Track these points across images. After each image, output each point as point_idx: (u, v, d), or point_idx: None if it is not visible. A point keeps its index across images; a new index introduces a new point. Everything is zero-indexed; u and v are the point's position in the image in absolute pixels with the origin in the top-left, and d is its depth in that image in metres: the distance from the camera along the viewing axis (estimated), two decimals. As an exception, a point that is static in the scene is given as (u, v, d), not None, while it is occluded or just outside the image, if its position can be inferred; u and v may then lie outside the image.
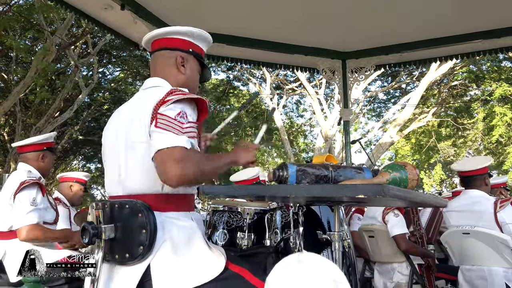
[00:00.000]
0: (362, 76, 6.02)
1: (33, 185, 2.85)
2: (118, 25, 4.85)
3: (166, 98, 1.46)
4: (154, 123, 1.41)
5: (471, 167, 3.05)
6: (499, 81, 15.17)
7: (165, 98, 1.46)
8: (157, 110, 1.44)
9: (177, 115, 1.43)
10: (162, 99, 1.46)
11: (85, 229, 1.42)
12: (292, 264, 0.99)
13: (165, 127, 1.40)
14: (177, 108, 1.45)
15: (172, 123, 1.40)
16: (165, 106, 1.44)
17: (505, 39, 5.04)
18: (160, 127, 1.40)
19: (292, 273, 0.98)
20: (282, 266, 1.01)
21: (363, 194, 0.96)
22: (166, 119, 1.41)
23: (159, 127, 1.40)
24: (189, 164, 1.36)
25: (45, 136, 3.24)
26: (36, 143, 3.12)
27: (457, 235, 3.04)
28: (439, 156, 19.92)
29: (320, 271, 0.95)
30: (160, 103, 1.45)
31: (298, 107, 20.89)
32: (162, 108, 1.44)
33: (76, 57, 12.16)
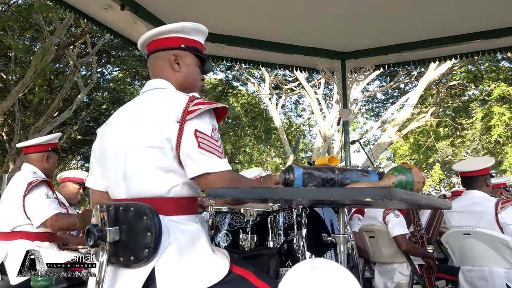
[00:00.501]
0: (361, 76, 6.03)
1: (41, 183, 2.87)
2: (117, 25, 4.85)
3: (190, 108, 1.48)
4: (196, 143, 1.45)
5: (472, 167, 3.05)
6: (497, 81, 15.21)
7: (188, 106, 1.48)
8: (184, 121, 1.46)
9: (211, 132, 1.49)
10: (186, 108, 1.48)
11: (90, 231, 1.42)
12: (305, 270, 0.99)
13: (209, 149, 1.46)
14: (208, 123, 1.50)
15: (212, 143, 1.47)
16: (193, 116, 1.47)
17: (504, 39, 5.06)
18: (204, 148, 1.45)
19: (305, 279, 0.97)
20: (295, 272, 1.00)
21: (370, 198, 0.96)
22: (205, 138, 1.46)
23: (202, 148, 1.45)
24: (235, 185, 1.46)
25: (50, 137, 3.24)
26: (41, 144, 3.12)
27: (458, 235, 3.04)
28: (438, 156, 19.97)
29: (333, 277, 0.95)
30: (185, 113, 1.47)
31: (296, 107, 20.93)
32: (190, 119, 1.47)
33: (75, 57, 12.16)
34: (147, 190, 1.50)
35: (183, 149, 1.46)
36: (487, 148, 18.03)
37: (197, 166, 1.46)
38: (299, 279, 0.97)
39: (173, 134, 1.47)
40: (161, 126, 1.48)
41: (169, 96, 1.58)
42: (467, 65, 15.48)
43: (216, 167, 1.46)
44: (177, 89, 1.67)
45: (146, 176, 1.50)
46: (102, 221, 1.48)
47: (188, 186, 1.53)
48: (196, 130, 1.47)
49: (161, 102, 1.55)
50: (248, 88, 19.31)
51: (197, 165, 1.46)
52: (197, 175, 1.46)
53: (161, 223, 1.41)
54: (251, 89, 19.18)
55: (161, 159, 1.49)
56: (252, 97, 19.11)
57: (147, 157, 1.49)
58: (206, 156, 1.46)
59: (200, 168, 1.45)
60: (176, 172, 1.50)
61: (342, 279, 0.94)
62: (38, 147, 3.10)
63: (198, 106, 1.48)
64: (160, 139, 1.48)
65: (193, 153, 1.46)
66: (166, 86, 1.66)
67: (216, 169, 1.46)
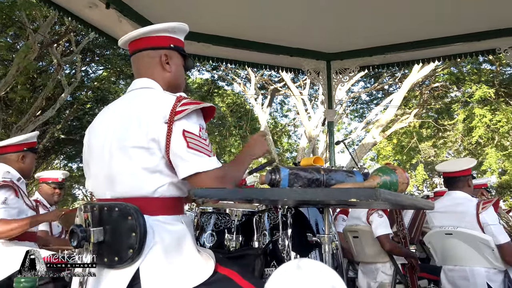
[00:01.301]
0: (346, 77, 6.08)
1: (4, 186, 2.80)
2: (102, 23, 4.81)
3: (178, 108, 1.48)
4: (185, 143, 1.46)
5: (455, 168, 3.09)
6: (479, 83, 15.44)
7: (175, 107, 1.48)
8: (172, 121, 1.47)
9: (199, 132, 1.51)
10: (173, 108, 1.48)
11: (73, 232, 1.41)
12: (291, 270, 0.99)
13: (198, 148, 1.48)
14: (195, 123, 1.51)
15: (201, 143, 1.49)
16: (181, 116, 1.47)
17: (485, 42, 5.15)
18: (193, 148, 1.47)
19: (291, 279, 0.98)
20: (281, 272, 1.01)
21: (355, 198, 0.97)
22: (194, 137, 1.48)
23: (192, 148, 1.47)
24: (227, 179, 1.50)
25: (26, 136, 3.18)
26: (16, 143, 3.06)
27: (440, 235, 3.08)
28: (420, 157, 20.21)
29: (319, 277, 0.96)
30: (173, 113, 1.47)
31: (282, 107, 20.98)
32: (181, 121, 1.48)
33: (59, 55, 11.99)
34: (132, 190, 1.49)
35: (172, 149, 1.47)
36: (468, 149, 18.30)
37: (188, 166, 1.47)
38: (285, 279, 0.98)
39: (161, 134, 1.47)
40: (148, 126, 1.48)
41: (156, 96, 1.57)
42: (449, 67, 15.70)
43: (206, 166, 1.47)
44: (164, 88, 1.67)
45: (131, 176, 1.49)
46: (86, 222, 1.47)
47: (174, 186, 1.53)
48: (184, 130, 1.47)
49: (148, 102, 1.55)
50: (234, 88, 19.31)
51: (188, 166, 1.47)
52: (188, 175, 1.47)
53: (146, 223, 1.41)
54: (237, 89, 19.18)
55: (148, 159, 1.48)
56: (238, 97, 19.10)
57: (133, 157, 1.49)
58: (195, 156, 1.47)
59: (191, 168, 1.46)
60: (163, 173, 1.50)
61: (327, 278, 0.95)
62: (13, 147, 3.04)
63: (185, 106, 1.49)
64: (146, 140, 1.47)
65: (183, 153, 1.46)
66: (153, 86, 1.66)
67: (206, 168, 1.47)
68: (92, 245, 1.43)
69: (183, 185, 1.56)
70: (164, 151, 1.48)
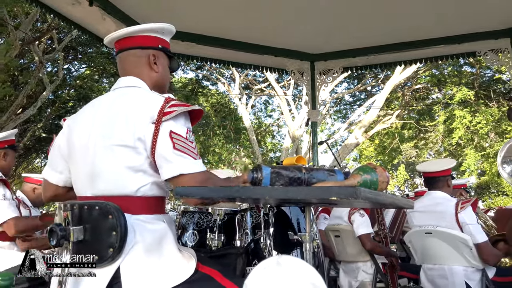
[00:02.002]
0: (330, 78, 6.13)
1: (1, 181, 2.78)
2: (85, 21, 4.75)
3: (167, 109, 1.47)
4: (172, 144, 1.45)
5: (435, 168, 3.14)
6: (459, 85, 15.71)
7: (164, 107, 1.48)
8: (159, 122, 1.46)
9: (186, 134, 1.50)
10: (162, 109, 1.47)
11: (53, 231, 1.39)
12: (271, 267, 1.00)
13: (184, 150, 1.47)
14: (183, 125, 1.50)
15: (187, 145, 1.48)
16: (169, 117, 1.47)
17: (466, 44, 5.25)
18: (179, 149, 1.46)
19: (271, 275, 0.98)
20: (261, 268, 1.01)
21: (336, 196, 0.98)
22: (180, 139, 1.47)
23: (178, 149, 1.46)
24: (209, 185, 1.46)
25: (5, 134, 3.14)
26: None
27: (420, 234, 3.12)
28: (402, 157, 20.46)
29: (299, 274, 0.96)
30: (161, 114, 1.47)
31: (266, 107, 21.02)
32: (169, 123, 1.47)
33: (40, 53, 11.81)
34: (115, 188, 1.48)
35: (158, 150, 1.46)
36: (448, 150, 18.58)
37: (172, 167, 1.46)
38: (265, 275, 0.99)
39: (148, 134, 1.47)
40: (135, 126, 1.47)
41: (144, 96, 1.57)
42: (431, 69, 15.93)
43: (190, 168, 1.46)
44: (150, 88, 1.66)
45: (115, 174, 1.48)
46: (66, 220, 1.45)
47: (157, 186, 1.52)
48: (171, 132, 1.47)
49: (136, 101, 1.54)
50: (218, 87, 19.28)
51: (172, 167, 1.46)
52: (171, 176, 1.46)
53: (126, 222, 1.40)
54: (221, 89, 19.15)
55: (132, 158, 1.47)
56: (222, 96, 19.07)
57: (118, 155, 1.48)
58: (181, 157, 1.46)
59: (175, 170, 1.45)
60: (146, 172, 1.49)
61: (307, 275, 0.96)
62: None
63: (174, 108, 1.48)
64: (133, 139, 1.47)
65: (168, 154, 1.46)
66: (140, 85, 1.65)
67: (190, 170, 1.46)
68: (72, 244, 1.41)
69: (166, 185, 1.55)
70: (149, 151, 1.47)
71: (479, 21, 4.93)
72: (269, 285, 0.96)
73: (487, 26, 5.01)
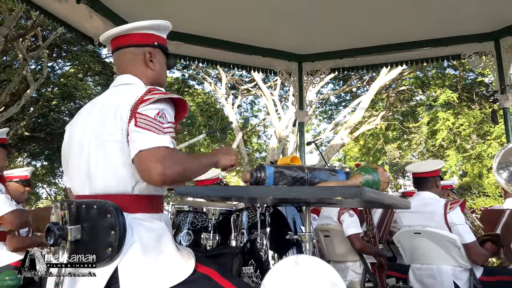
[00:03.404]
0: (317, 78, 6.17)
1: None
2: (72, 18, 4.70)
3: (145, 97, 1.44)
4: (134, 122, 1.39)
5: (424, 169, 3.18)
6: (443, 88, 15.93)
7: (143, 96, 1.44)
8: (136, 109, 1.41)
9: (156, 115, 1.41)
10: (141, 98, 1.44)
11: (50, 230, 1.37)
12: (289, 266, 1.00)
13: (146, 127, 1.38)
14: (156, 108, 1.43)
15: (152, 123, 1.39)
16: (145, 105, 1.42)
17: (451, 47, 5.34)
18: (141, 126, 1.38)
19: (290, 275, 0.99)
20: (279, 268, 1.01)
21: (341, 196, 0.99)
22: (146, 118, 1.39)
23: (139, 126, 1.38)
24: (172, 164, 1.36)
25: None
26: None
27: (409, 234, 3.15)
28: (386, 158, 20.66)
29: (317, 273, 0.97)
30: (139, 102, 1.43)
31: (252, 108, 21.02)
32: (141, 107, 1.42)
33: (24, 50, 11.62)
34: (111, 186, 1.47)
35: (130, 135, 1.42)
36: (431, 151, 18.81)
37: (133, 147, 1.40)
38: (283, 275, 0.99)
39: (126, 123, 1.44)
40: (121, 119, 1.45)
41: (131, 90, 1.54)
42: (415, 72, 16.13)
43: (149, 143, 1.37)
44: (146, 85, 1.65)
45: (110, 171, 1.46)
46: (63, 219, 1.43)
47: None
48: (138, 112, 1.41)
49: (124, 96, 1.52)
50: (204, 87, 19.20)
51: (133, 147, 1.40)
52: (133, 156, 1.39)
53: (125, 221, 1.39)
54: (207, 89, 19.09)
55: (124, 153, 1.45)
56: (208, 96, 19.01)
57: (111, 151, 1.46)
58: (139, 133, 1.39)
59: (135, 148, 1.39)
60: None
61: (326, 274, 0.96)
62: None
63: (151, 95, 1.45)
64: (120, 132, 1.45)
65: (132, 134, 1.40)
66: (135, 82, 1.64)
67: (149, 145, 1.36)
68: (69, 243, 1.40)
69: None
70: None
71: (464, 25, 5.02)
72: (288, 285, 0.96)
73: (472, 29, 5.11)
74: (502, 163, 2.53)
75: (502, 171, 2.54)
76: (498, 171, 2.54)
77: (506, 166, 2.53)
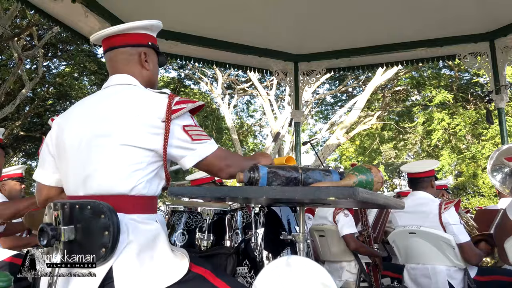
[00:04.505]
0: (313, 78, 6.18)
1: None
2: (67, 18, 4.68)
3: (174, 107, 1.51)
4: (189, 137, 1.54)
5: (419, 169, 3.18)
6: (438, 88, 15.99)
7: (170, 106, 1.51)
8: (169, 120, 1.49)
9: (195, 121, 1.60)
10: (169, 108, 1.50)
11: (43, 231, 1.36)
12: (280, 267, 1.00)
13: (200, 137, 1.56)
14: (189, 116, 1.59)
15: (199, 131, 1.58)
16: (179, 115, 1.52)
17: (446, 48, 5.36)
18: (197, 139, 1.56)
19: (281, 276, 0.98)
20: (270, 269, 1.01)
21: (334, 197, 0.99)
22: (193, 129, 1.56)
23: (196, 139, 1.55)
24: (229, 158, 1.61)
25: None
26: None
27: (404, 234, 3.16)
28: (382, 158, 20.71)
29: (308, 274, 0.97)
30: (169, 112, 1.50)
31: (248, 108, 21.02)
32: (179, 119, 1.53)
33: (20, 50, 11.57)
34: (108, 187, 1.46)
35: (174, 144, 1.51)
36: (427, 151, 18.88)
37: (196, 153, 1.55)
38: (275, 276, 0.98)
39: (158, 132, 1.49)
40: (141, 125, 1.47)
41: (145, 95, 1.56)
42: (411, 72, 16.18)
43: (210, 149, 1.57)
44: (143, 86, 1.65)
45: (111, 173, 1.46)
46: (56, 220, 1.43)
47: (150, 185, 1.51)
48: (184, 126, 1.54)
49: (137, 100, 1.52)
50: (201, 87, 19.19)
51: (196, 153, 1.55)
52: (198, 161, 1.56)
53: (119, 221, 1.38)
54: (203, 88, 19.07)
55: (132, 157, 1.46)
56: (204, 96, 19.00)
57: (116, 154, 1.46)
58: (200, 144, 1.55)
59: (200, 155, 1.55)
60: (144, 170, 1.48)
61: (317, 275, 0.96)
62: None
63: (181, 105, 1.52)
64: (137, 137, 1.46)
65: (188, 145, 1.54)
66: (133, 82, 1.64)
67: (211, 150, 1.57)
68: (63, 244, 1.39)
69: (159, 184, 1.54)
70: (159, 148, 1.49)
71: (459, 25, 5.05)
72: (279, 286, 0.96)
73: (467, 30, 5.13)
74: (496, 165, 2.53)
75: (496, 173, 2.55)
76: (492, 173, 2.55)
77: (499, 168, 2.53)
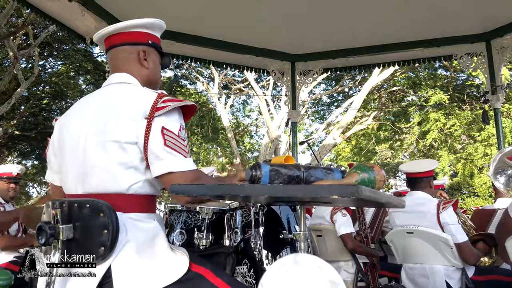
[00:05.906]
0: (310, 78, 6.17)
1: None
2: (64, 16, 4.66)
3: (159, 105, 1.46)
4: (162, 141, 1.44)
5: (418, 169, 3.18)
6: (434, 88, 16.04)
7: (156, 103, 1.46)
8: (152, 116, 1.44)
9: (179, 131, 1.48)
10: (154, 105, 1.46)
11: (41, 229, 1.35)
12: (288, 265, 0.99)
13: (174, 147, 1.45)
14: (176, 121, 1.49)
15: (178, 142, 1.47)
16: (161, 113, 1.45)
17: (443, 48, 5.37)
18: (170, 146, 1.45)
19: (288, 274, 0.97)
20: (278, 267, 1.00)
21: (337, 195, 0.98)
22: (172, 136, 1.46)
23: (168, 146, 1.45)
24: None
25: None
26: None
27: (402, 234, 3.16)
28: (377, 158, 20.75)
29: (316, 272, 0.96)
30: (154, 109, 1.45)
31: (244, 107, 21.02)
32: (161, 118, 1.46)
33: (15, 48, 11.51)
34: (106, 186, 1.46)
35: (150, 146, 1.45)
36: (422, 151, 18.92)
37: (162, 164, 1.45)
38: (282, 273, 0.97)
39: (141, 130, 1.45)
40: (128, 122, 1.46)
41: (136, 92, 1.55)
42: (407, 72, 16.22)
43: (180, 166, 1.46)
44: (142, 85, 1.64)
45: (107, 171, 1.46)
46: (55, 219, 1.41)
47: (149, 184, 1.51)
48: (163, 128, 1.46)
49: (128, 97, 1.52)
50: (197, 87, 19.17)
51: (162, 164, 1.45)
52: (161, 173, 1.45)
53: (118, 220, 1.37)
54: (200, 88, 19.06)
55: (124, 155, 1.46)
56: (200, 96, 18.98)
57: (110, 152, 1.46)
58: (170, 154, 1.45)
59: (165, 167, 1.45)
60: (138, 169, 1.48)
61: (325, 273, 0.95)
62: None
63: (167, 103, 1.47)
64: (125, 135, 1.45)
65: (159, 151, 1.45)
66: (131, 81, 1.63)
67: (180, 168, 1.45)
68: (61, 242, 1.38)
69: (157, 183, 1.54)
70: (142, 147, 1.46)
71: (455, 26, 5.06)
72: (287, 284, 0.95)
73: (463, 30, 5.14)
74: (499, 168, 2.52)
75: (499, 175, 2.53)
76: (496, 175, 2.53)
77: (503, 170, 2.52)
